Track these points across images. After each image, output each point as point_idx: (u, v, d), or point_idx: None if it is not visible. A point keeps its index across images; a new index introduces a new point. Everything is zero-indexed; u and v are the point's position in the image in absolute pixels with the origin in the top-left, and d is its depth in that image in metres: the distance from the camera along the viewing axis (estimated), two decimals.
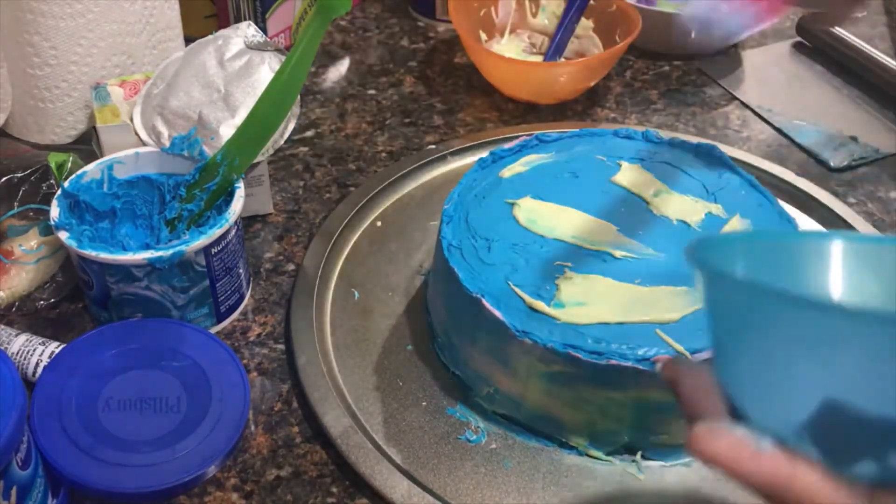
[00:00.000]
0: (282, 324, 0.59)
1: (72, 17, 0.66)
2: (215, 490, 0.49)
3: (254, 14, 0.82)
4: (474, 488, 0.49)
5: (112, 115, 0.62)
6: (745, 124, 0.80)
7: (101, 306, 0.56)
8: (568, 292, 0.50)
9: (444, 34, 0.93)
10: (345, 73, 0.86)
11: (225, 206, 0.56)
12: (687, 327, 0.48)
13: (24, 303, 0.58)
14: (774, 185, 0.70)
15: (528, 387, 0.50)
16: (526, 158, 0.60)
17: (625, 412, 0.48)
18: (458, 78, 0.85)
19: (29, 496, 0.43)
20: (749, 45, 0.91)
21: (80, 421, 0.48)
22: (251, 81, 0.60)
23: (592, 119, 0.80)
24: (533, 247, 0.53)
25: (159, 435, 0.48)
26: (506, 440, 0.52)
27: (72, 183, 0.56)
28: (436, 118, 0.79)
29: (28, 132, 0.72)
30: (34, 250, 0.59)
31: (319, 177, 0.72)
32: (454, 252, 0.53)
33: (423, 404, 0.54)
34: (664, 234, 0.54)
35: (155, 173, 0.59)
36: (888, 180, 0.73)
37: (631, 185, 0.58)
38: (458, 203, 0.57)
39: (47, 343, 0.54)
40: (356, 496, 0.49)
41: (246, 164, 0.56)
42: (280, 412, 0.54)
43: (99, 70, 0.69)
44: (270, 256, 0.65)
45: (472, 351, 0.52)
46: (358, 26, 0.94)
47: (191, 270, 0.54)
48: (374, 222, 0.67)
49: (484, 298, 0.49)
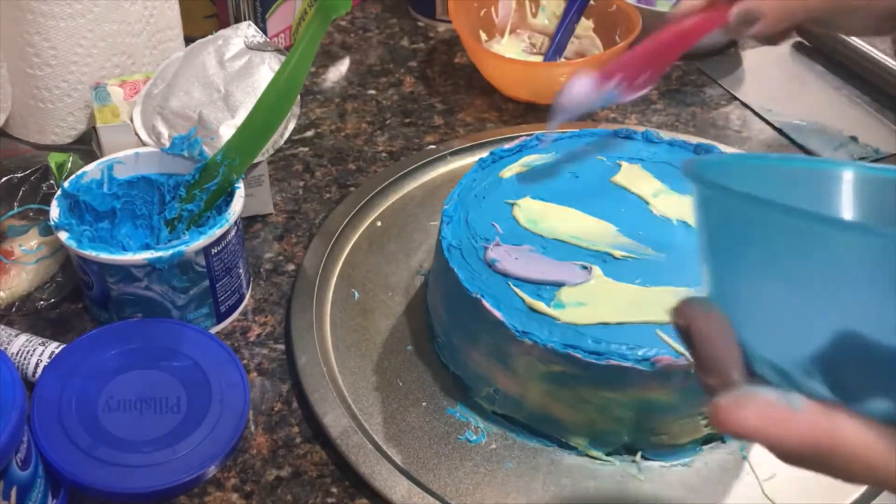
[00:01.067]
0: (282, 324, 0.59)
1: (72, 17, 0.66)
2: (215, 490, 0.49)
3: (254, 14, 0.82)
4: (474, 488, 0.49)
5: (112, 115, 0.62)
6: (745, 124, 0.80)
7: (101, 306, 0.56)
8: (568, 292, 0.50)
9: (444, 34, 0.93)
10: (345, 73, 0.86)
11: (225, 207, 0.56)
12: None
13: (24, 303, 0.58)
14: None
15: (528, 387, 0.50)
16: (526, 158, 0.60)
17: (625, 412, 0.48)
18: (458, 78, 0.85)
19: (29, 496, 0.43)
20: (749, 45, 0.91)
21: (80, 421, 0.48)
22: (251, 81, 0.60)
23: (592, 119, 0.80)
24: (534, 247, 0.53)
25: (159, 435, 0.48)
26: (506, 440, 0.52)
27: (72, 183, 0.56)
28: (436, 118, 0.79)
29: (28, 132, 0.72)
30: (34, 250, 0.59)
31: (319, 177, 0.72)
32: (454, 252, 0.53)
33: (423, 404, 0.54)
34: (664, 235, 0.54)
35: (155, 173, 0.59)
36: None
37: (631, 185, 0.58)
38: (458, 203, 0.57)
39: (47, 343, 0.54)
40: (356, 496, 0.49)
41: (246, 164, 0.56)
42: (280, 412, 0.54)
43: (99, 70, 0.69)
44: (270, 256, 0.65)
45: (472, 351, 0.52)
46: (358, 26, 0.94)
47: (191, 270, 0.54)
48: (374, 222, 0.67)
49: (484, 298, 0.49)
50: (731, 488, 0.50)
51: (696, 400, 0.48)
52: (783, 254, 0.26)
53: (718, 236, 0.28)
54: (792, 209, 0.24)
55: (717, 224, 0.28)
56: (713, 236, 0.28)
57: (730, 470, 0.51)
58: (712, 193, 0.28)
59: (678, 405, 0.48)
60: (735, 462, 0.51)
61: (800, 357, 0.26)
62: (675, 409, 0.48)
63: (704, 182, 0.27)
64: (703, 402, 0.49)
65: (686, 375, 0.47)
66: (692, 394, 0.48)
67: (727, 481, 0.50)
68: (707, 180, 0.27)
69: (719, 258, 0.28)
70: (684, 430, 0.50)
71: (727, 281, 0.28)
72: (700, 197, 0.28)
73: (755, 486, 0.50)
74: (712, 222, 0.28)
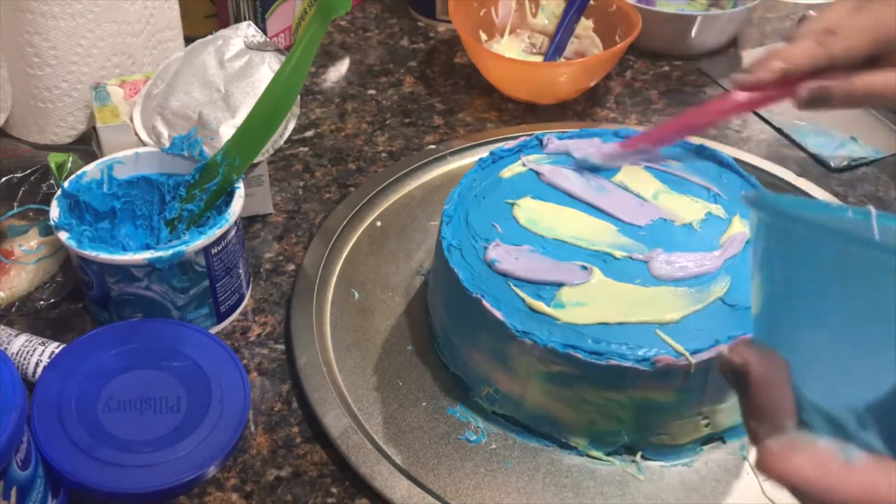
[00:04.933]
0: (282, 324, 0.59)
1: (72, 17, 0.66)
2: (215, 490, 0.49)
3: (254, 14, 0.82)
4: (474, 488, 0.49)
5: (112, 115, 0.62)
6: (745, 124, 0.80)
7: (101, 306, 0.56)
8: (568, 292, 0.50)
9: (444, 34, 0.93)
10: (345, 73, 0.86)
11: (225, 207, 0.56)
12: (687, 327, 0.48)
13: (24, 303, 0.58)
14: (774, 185, 0.70)
15: (528, 387, 0.50)
16: (526, 158, 0.60)
17: (625, 412, 0.48)
18: (458, 78, 0.85)
19: (29, 496, 0.43)
20: (749, 45, 0.91)
21: (80, 421, 0.48)
22: (251, 81, 0.60)
23: (592, 119, 0.80)
24: (534, 247, 0.53)
25: (159, 435, 0.48)
26: (506, 440, 0.52)
27: (72, 183, 0.56)
28: (436, 118, 0.79)
29: (28, 132, 0.72)
30: (34, 250, 0.59)
31: (319, 177, 0.72)
32: (454, 252, 0.53)
33: (423, 404, 0.54)
34: (665, 235, 0.54)
35: (155, 173, 0.59)
36: (888, 180, 0.73)
37: (631, 185, 0.58)
38: (458, 203, 0.57)
39: (47, 343, 0.54)
40: (356, 496, 0.49)
41: (246, 164, 0.56)
42: (280, 412, 0.54)
43: (99, 70, 0.69)
44: (270, 256, 0.65)
45: (472, 351, 0.52)
46: (358, 26, 0.94)
47: (191, 270, 0.54)
48: (374, 222, 0.67)
49: (484, 298, 0.49)
50: (731, 488, 0.50)
51: (696, 400, 0.48)
52: (853, 297, 0.24)
53: (780, 276, 0.26)
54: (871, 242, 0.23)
55: (779, 261, 0.26)
56: (773, 275, 0.27)
57: (730, 470, 0.51)
58: (779, 224, 0.26)
59: (678, 405, 0.48)
60: (735, 462, 0.51)
61: (856, 407, 0.25)
62: (675, 409, 0.48)
63: (773, 209, 0.26)
64: (703, 402, 0.49)
65: (686, 375, 0.47)
66: (692, 394, 0.48)
67: (727, 481, 0.50)
68: (777, 208, 0.26)
69: (778, 299, 0.27)
70: (684, 430, 0.50)
71: (785, 324, 0.27)
72: (761, 230, 0.26)
73: (755, 486, 0.50)
74: (773, 258, 0.26)
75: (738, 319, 0.48)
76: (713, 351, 0.46)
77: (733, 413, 0.51)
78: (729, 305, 0.49)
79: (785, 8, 0.98)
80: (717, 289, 0.50)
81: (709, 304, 0.49)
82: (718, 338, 0.47)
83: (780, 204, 0.28)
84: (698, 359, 0.46)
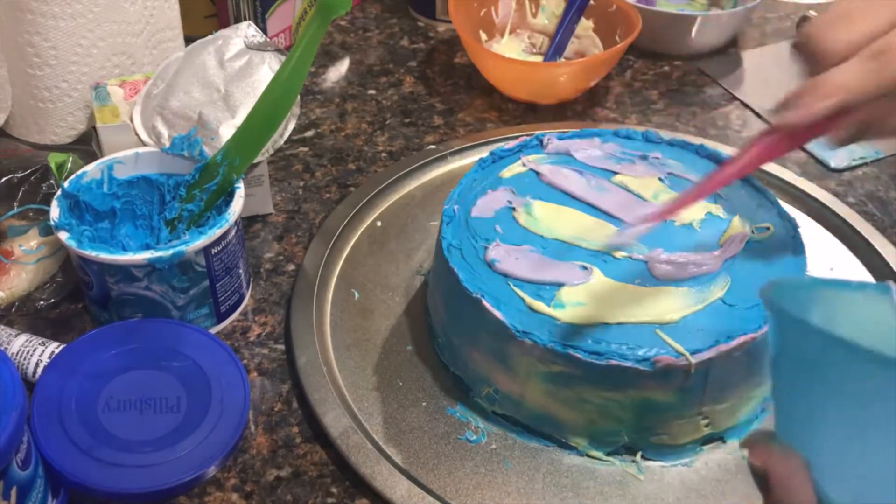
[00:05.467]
0: (282, 324, 0.59)
1: (72, 17, 0.66)
2: (215, 490, 0.49)
3: (254, 14, 0.82)
4: (474, 488, 0.49)
5: (112, 115, 0.62)
6: (745, 124, 0.80)
7: (101, 306, 0.56)
8: (568, 292, 0.50)
9: (444, 34, 0.93)
10: (345, 73, 0.86)
11: (225, 207, 0.56)
12: (687, 328, 0.48)
13: (24, 303, 0.58)
14: (774, 185, 0.70)
15: (528, 387, 0.50)
16: (526, 158, 0.60)
17: (625, 412, 0.48)
18: (458, 78, 0.85)
19: (29, 496, 0.43)
20: (749, 45, 0.91)
21: (80, 421, 0.48)
22: (251, 81, 0.60)
23: (592, 119, 0.80)
24: (534, 247, 0.53)
25: (159, 435, 0.48)
26: (506, 440, 0.52)
27: (72, 183, 0.56)
28: (436, 118, 0.79)
29: (28, 132, 0.72)
30: (34, 250, 0.59)
31: (319, 177, 0.72)
32: (454, 252, 0.53)
33: (423, 404, 0.54)
34: (664, 235, 0.54)
35: (155, 173, 0.59)
36: (888, 180, 0.73)
37: (631, 185, 0.58)
38: (458, 203, 0.57)
39: (47, 343, 0.54)
40: (356, 496, 0.49)
41: (246, 164, 0.56)
42: (280, 412, 0.54)
43: (99, 70, 0.69)
44: (270, 256, 0.65)
45: (472, 351, 0.52)
46: (358, 26, 0.94)
47: (191, 270, 0.54)
48: (374, 222, 0.67)
49: (484, 298, 0.49)
50: (731, 488, 0.50)
51: (696, 400, 0.48)
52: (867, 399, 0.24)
53: (792, 374, 0.26)
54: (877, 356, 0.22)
55: (791, 360, 0.26)
56: (787, 373, 0.26)
57: (730, 470, 0.51)
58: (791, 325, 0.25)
59: (678, 405, 0.48)
60: (735, 462, 0.51)
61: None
62: (675, 409, 0.48)
63: (784, 314, 0.25)
64: (703, 402, 0.49)
65: (686, 375, 0.47)
66: (692, 394, 0.48)
67: (727, 481, 0.50)
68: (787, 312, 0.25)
69: (792, 397, 0.26)
70: (684, 430, 0.50)
71: (801, 422, 0.26)
72: (774, 327, 0.26)
73: (755, 486, 0.50)
74: (787, 356, 0.26)
75: (738, 319, 0.48)
76: (713, 351, 0.46)
77: (733, 413, 0.51)
78: (729, 305, 0.49)
79: (785, 8, 0.98)
80: (717, 289, 0.50)
81: (709, 304, 0.49)
82: (718, 338, 0.47)
83: (792, 301, 0.27)
84: (698, 359, 0.46)
